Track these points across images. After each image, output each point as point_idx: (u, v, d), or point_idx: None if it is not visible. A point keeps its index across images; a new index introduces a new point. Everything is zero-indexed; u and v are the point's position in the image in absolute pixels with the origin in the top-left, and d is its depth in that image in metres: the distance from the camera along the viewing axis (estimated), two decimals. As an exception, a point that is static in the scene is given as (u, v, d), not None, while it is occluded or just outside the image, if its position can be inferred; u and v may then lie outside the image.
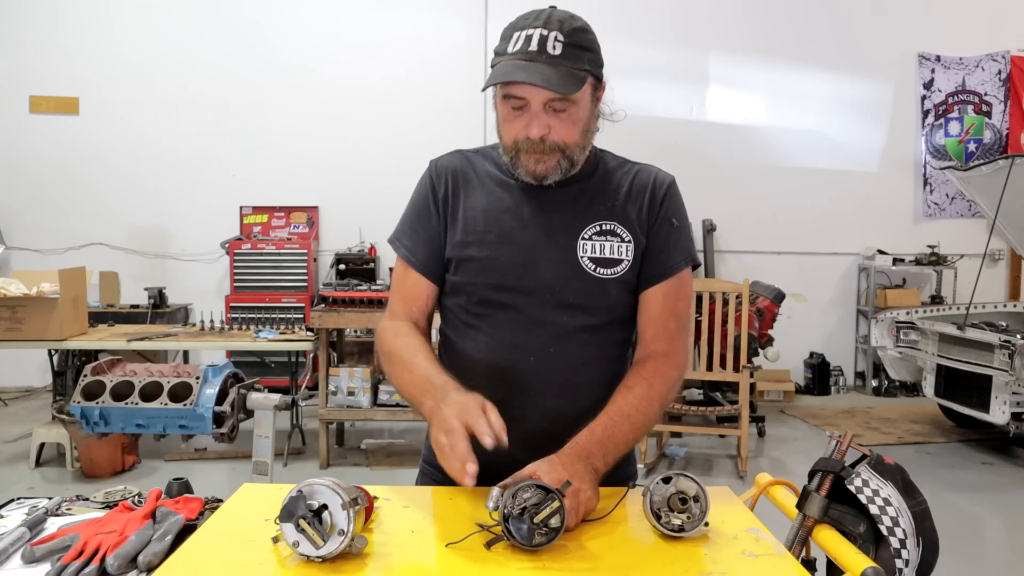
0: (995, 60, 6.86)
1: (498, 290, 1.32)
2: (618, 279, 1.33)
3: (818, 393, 6.57)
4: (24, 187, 6.33)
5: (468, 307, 1.36)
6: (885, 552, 1.12)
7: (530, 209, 1.34)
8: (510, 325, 1.33)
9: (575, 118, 1.29)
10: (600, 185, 1.37)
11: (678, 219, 1.38)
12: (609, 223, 1.34)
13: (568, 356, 1.32)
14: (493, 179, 1.38)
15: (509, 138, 1.30)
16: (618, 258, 1.33)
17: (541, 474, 1.12)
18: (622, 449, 1.25)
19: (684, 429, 4.70)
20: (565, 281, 1.31)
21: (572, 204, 1.35)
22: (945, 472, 4.50)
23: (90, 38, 6.31)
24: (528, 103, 1.25)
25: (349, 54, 6.41)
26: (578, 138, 1.30)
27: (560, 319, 1.32)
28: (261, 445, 3.13)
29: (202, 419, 3.39)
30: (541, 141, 1.26)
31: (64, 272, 4.14)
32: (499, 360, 1.33)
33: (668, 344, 1.34)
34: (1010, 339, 4.27)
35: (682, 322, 1.37)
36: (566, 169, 1.31)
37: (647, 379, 1.30)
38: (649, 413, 1.28)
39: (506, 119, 1.29)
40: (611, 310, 1.35)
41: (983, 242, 5.35)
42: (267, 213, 6.41)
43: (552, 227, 1.33)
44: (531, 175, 1.31)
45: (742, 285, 4.61)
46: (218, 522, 1.14)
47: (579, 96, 1.27)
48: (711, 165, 6.65)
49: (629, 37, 6.53)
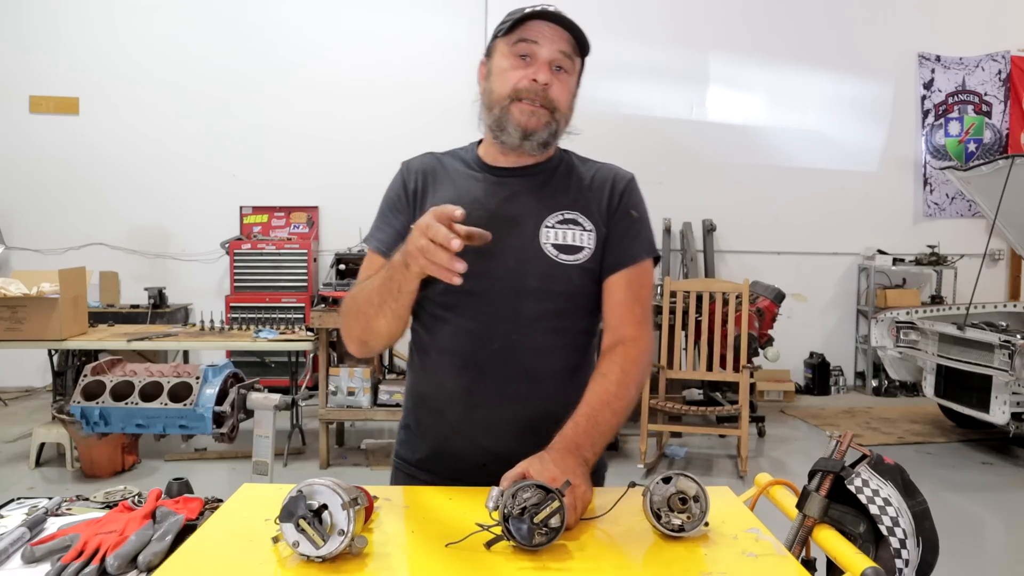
0: (995, 60, 6.86)
1: (464, 278, 1.33)
2: (580, 265, 1.36)
3: (818, 393, 6.57)
4: (24, 187, 6.33)
5: (435, 298, 1.38)
6: (885, 552, 1.12)
7: (496, 199, 1.38)
8: (474, 313, 1.35)
9: (570, 86, 1.35)
10: (564, 177, 1.43)
11: (638, 211, 1.43)
12: (572, 212, 1.38)
13: (531, 343, 1.35)
14: (462, 174, 1.43)
15: (507, 86, 1.33)
16: (580, 245, 1.36)
17: (533, 472, 1.13)
18: (607, 436, 1.28)
19: (684, 429, 4.70)
20: (528, 267, 1.34)
21: (537, 193, 1.39)
22: (945, 472, 4.50)
23: (90, 38, 6.31)
24: (535, 56, 1.31)
25: (349, 54, 6.41)
26: (567, 108, 1.36)
27: (523, 305, 1.34)
28: (261, 445, 3.13)
29: (202, 419, 3.40)
30: (544, 88, 1.31)
31: (64, 272, 4.14)
32: (464, 348, 1.35)
33: (635, 328, 1.37)
34: (1010, 339, 4.27)
35: (646, 308, 1.41)
36: (550, 135, 1.35)
37: (620, 364, 1.33)
38: (627, 397, 1.31)
39: (509, 68, 1.33)
40: (573, 296, 1.38)
41: (983, 242, 5.35)
42: (267, 213, 6.41)
43: (517, 215, 1.37)
44: (521, 128, 1.33)
45: (742, 285, 4.61)
46: (218, 522, 1.14)
47: (575, 66, 1.36)
48: (711, 165, 6.65)
49: (629, 37, 6.54)
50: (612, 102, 6.55)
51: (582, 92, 1.44)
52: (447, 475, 1.37)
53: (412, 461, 1.45)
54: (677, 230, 6.60)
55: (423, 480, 1.41)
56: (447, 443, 1.39)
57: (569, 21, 1.32)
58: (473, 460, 1.36)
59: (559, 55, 1.32)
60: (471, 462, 1.36)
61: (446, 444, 1.39)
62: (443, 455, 1.40)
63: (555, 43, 1.31)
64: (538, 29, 1.31)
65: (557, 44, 1.31)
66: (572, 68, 1.35)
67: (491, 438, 1.34)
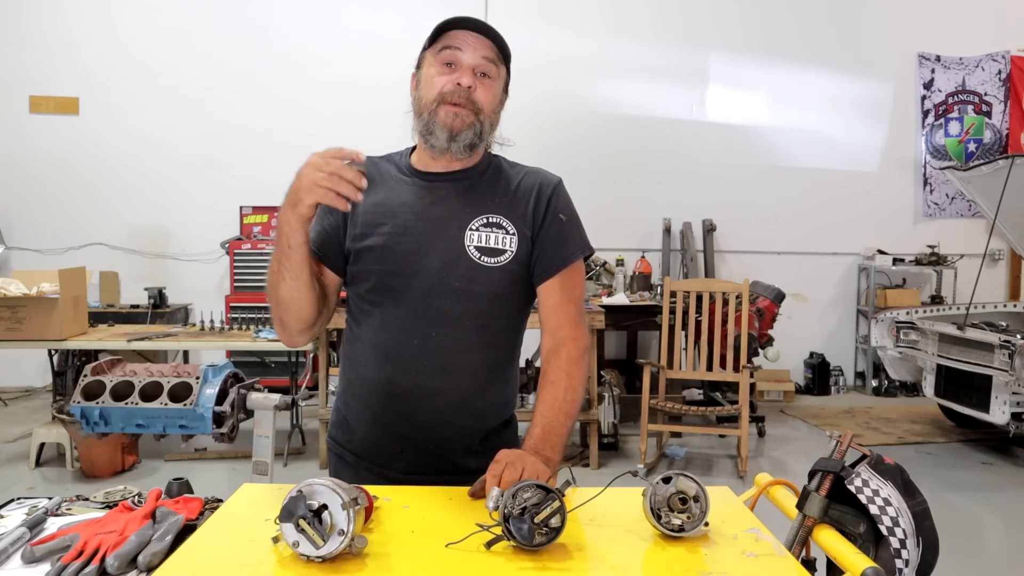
0: (995, 60, 6.86)
1: (391, 276, 1.42)
2: (501, 267, 1.42)
3: (818, 393, 6.57)
4: (24, 187, 6.33)
5: (364, 295, 1.46)
6: (885, 552, 1.12)
7: (424, 202, 1.45)
8: (398, 310, 1.42)
9: (495, 91, 1.43)
10: (491, 182, 1.48)
11: (565, 214, 1.49)
12: (496, 216, 1.44)
13: (449, 340, 1.41)
14: (393, 178, 1.50)
15: (433, 90, 1.40)
16: (502, 248, 1.43)
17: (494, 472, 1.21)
18: (564, 437, 1.39)
19: (684, 429, 4.70)
20: (451, 268, 1.41)
21: (463, 197, 1.45)
22: (945, 472, 4.50)
23: (90, 37, 6.31)
24: (459, 62, 1.39)
25: (349, 53, 6.41)
26: (491, 112, 1.43)
27: (444, 304, 1.41)
28: (261, 445, 3.13)
29: (202, 419, 3.39)
30: (467, 91, 1.38)
31: (64, 272, 4.14)
32: (386, 342, 1.43)
33: (573, 328, 1.46)
34: (1010, 339, 4.27)
35: (580, 307, 1.50)
36: (475, 135, 1.41)
37: (565, 370, 1.43)
38: (576, 399, 1.43)
39: (436, 75, 1.41)
40: (494, 298, 1.44)
41: (983, 242, 5.35)
42: (267, 213, 6.40)
43: (443, 218, 1.43)
44: (447, 129, 1.39)
45: (742, 285, 4.61)
46: (218, 522, 1.15)
47: (501, 73, 1.43)
48: (711, 165, 6.65)
49: (629, 37, 6.54)
50: (612, 102, 6.55)
51: (582, 91, 1.45)
52: (370, 459, 1.47)
53: (341, 442, 1.53)
54: (677, 230, 6.60)
55: (350, 462, 1.50)
56: (370, 430, 1.47)
57: (490, 29, 1.40)
58: (391, 447, 1.45)
59: (482, 61, 1.39)
60: (390, 448, 1.45)
61: (368, 431, 1.48)
62: (366, 441, 1.48)
63: (478, 50, 1.39)
64: (462, 38, 1.39)
65: (480, 51, 1.39)
66: (497, 74, 1.42)
67: (409, 427, 1.43)
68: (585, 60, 6.49)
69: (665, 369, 4.57)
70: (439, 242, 1.41)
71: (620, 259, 6.02)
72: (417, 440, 1.43)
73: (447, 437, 1.43)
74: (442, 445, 1.43)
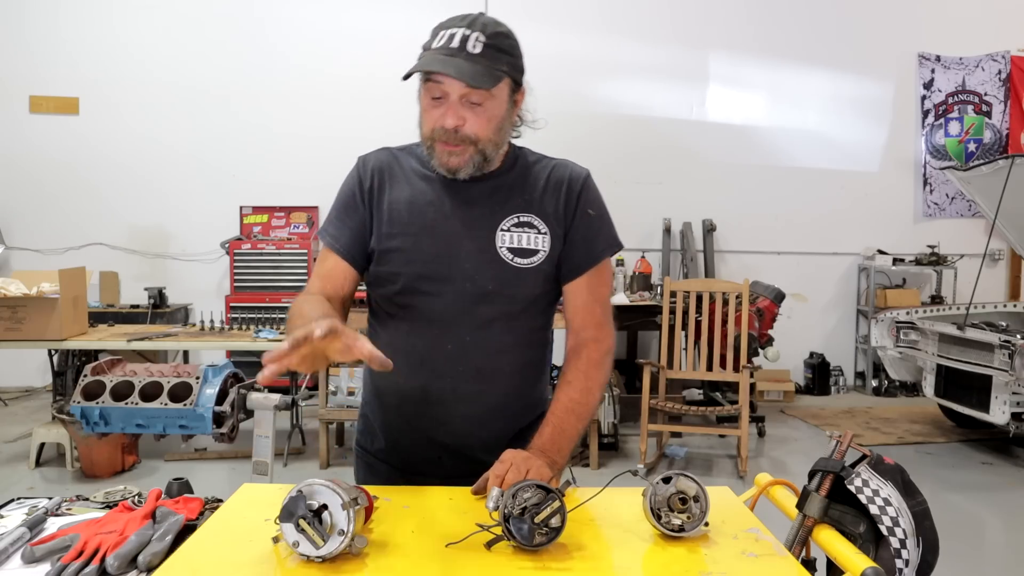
0: (995, 60, 6.86)
1: (420, 279, 1.38)
2: (535, 268, 1.38)
3: (818, 393, 6.57)
4: (24, 187, 6.33)
5: (391, 297, 1.40)
6: (885, 552, 1.12)
7: (451, 202, 1.39)
8: (429, 314, 1.37)
9: (490, 114, 1.33)
10: (518, 179, 1.43)
11: (595, 209, 1.44)
12: (527, 215, 1.40)
13: (484, 343, 1.38)
14: (417, 174, 1.43)
15: (427, 127, 1.35)
16: (535, 248, 1.38)
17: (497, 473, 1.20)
18: (574, 440, 1.36)
19: (684, 429, 4.69)
20: (484, 270, 1.36)
21: (491, 197, 1.40)
22: (945, 472, 4.50)
23: (90, 38, 6.30)
24: (446, 95, 1.30)
25: (349, 53, 6.41)
26: (491, 134, 1.34)
27: (478, 308, 1.37)
28: (261, 445, 3.12)
29: (202, 419, 3.40)
30: (455, 131, 1.31)
31: (64, 272, 4.14)
32: (418, 347, 1.38)
33: (597, 330, 1.43)
34: (1010, 339, 4.27)
35: (606, 307, 1.46)
36: (479, 164, 1.35)
37: (583, 371, 1.39)
38: (591, 402, 1.39)
39: (426, 109, 1.35)
40: (528, 299, 1.40)
41: (983, 242, 5.35)
42: (267, 213, 6.41)
43: (472, 219, 1.38)
44: (445, 167, 1.35)
45: (742, 285, 4.61)
46: (218, 522, 1.15)
47: (496, 92, 1.32)
48: (711, 165, 6.65)
49: (629, 36, 6.53)
50: (612, 102, 6.55)
51: (582, 91, 1.44)
52: (404, 467, 1.43)
53: (371, 450, 1.50)
54: (677, 230, 6.60)
55: (382, 471, 1.46)
56: (402, 437, 1.44)
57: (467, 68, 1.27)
58: (428, 454, 1.42)
59: (467, 90, 1.29)
60: (426, 455, 1.42)
61: (401, 438, 1.44)
62: (399, 448, 1.45)
63: (458, 86, 1.29)
64: (438, 77, 1.29)
65: (460, 88, 1.29)
66: (489, 95, 1.31)
67: (445, 433, 1.40)
68: (585, 60, 6.48)
69: (665, 369, 4.57)
70: (470, 243, 1.37)
71: (620, 259, 6.02)
72: (456, 446, 1.40)
73: (484, 441, 1.39)
74: (481, 450, 1.38)
